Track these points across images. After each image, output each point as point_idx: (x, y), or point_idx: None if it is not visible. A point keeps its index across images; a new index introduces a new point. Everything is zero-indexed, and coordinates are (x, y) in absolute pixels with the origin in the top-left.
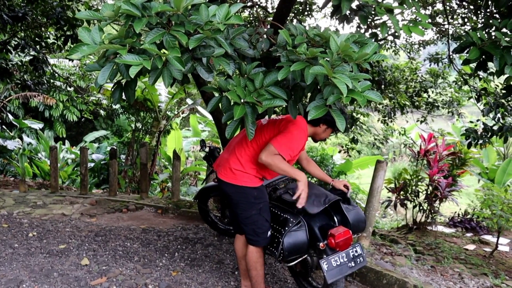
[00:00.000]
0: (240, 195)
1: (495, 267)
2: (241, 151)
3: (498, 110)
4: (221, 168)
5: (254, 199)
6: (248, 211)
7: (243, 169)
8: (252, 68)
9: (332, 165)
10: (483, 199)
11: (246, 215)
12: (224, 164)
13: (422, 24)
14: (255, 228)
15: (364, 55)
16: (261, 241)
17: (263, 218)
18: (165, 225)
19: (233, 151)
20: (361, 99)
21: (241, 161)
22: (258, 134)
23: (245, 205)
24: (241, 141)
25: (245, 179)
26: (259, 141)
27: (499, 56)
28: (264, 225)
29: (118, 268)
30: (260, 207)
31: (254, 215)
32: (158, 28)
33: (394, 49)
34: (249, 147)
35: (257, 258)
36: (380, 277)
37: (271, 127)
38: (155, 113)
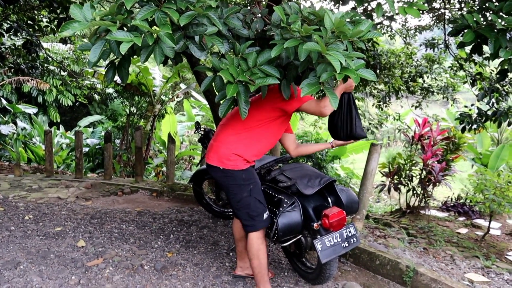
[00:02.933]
0: (227, 179)
1: (486, 250)
2: (231, 134)
3: (492, 95)
4: (209, 153)
5: (242, 181)
6: (239, 194)
7: (231, 151)
8: (245, 47)
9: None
10: (476, 184)
11: (237, 199)
12: (212, 148)
13: (417, 5)
14: (249, 211)
15: (359, 32)
16: (258, 224)
17: (256, 200)
18: (160, 207)
19: (220, 134)
20: (355, 76)
21: (230, 143)
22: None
23: (235, 189)
24: (230, 124)
25: (232, 162)
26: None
27: (494, 39)
28: (257, 207)
29: (114, 249)
30: (250, 188)
31: (246, 198)
32: (150, 5)
33: (390, 34)
34: (241, 128)
35: (258, 246)
36: (373, 258)
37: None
38: (150, 97)
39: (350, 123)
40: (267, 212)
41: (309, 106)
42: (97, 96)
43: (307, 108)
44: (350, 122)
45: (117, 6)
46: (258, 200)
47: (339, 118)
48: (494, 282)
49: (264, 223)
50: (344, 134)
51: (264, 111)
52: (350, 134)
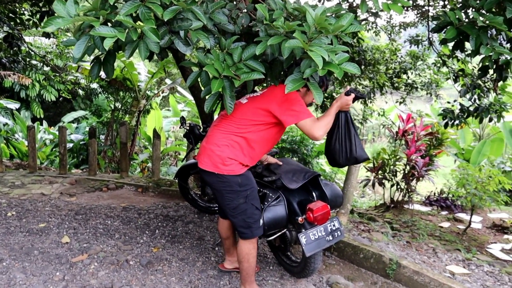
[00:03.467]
0: (222, 184)
1: (467, 243)
2: (224, 136)
3: (474, 91)
4: (201, 156)
5: (239, 187)
6: (235, 201)
7: (225, 154)
8: (231, 42)
9: (312, 145)
10: (458, 178)
11: (233, 205)
12: (204, 151)
13: (401, 1)
14: (245, 218)
15: (340, 26)
16: (254, 232)
17: (253, 206)
18: (145, 203)
19: (213, 136)
20: (338, 71)
21: (224, 146)
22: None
23: (231, 195)
24: (224, 125)
25: (227, 167)
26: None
27: (475, 36)
28: (254, 213)
29: (99, 245)
30: (247, 194)
31: (242, 204)
32: (133, 0)
33: (375, 31)
34: (235, 130)
35: (249, 250)
36: (357, 251)
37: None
38: (135, 92)
39: (350, 144)
40: (263, 218)
41: (304, 125)
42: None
43: (301, 126)
44: (349, 143)
45: (100, 1)
46: (255, 206)
47: (336, 141)
48: (474, 273)
49: (260, 230)
50: (343, 157)
51: (261, 117)
52: (350, 156)
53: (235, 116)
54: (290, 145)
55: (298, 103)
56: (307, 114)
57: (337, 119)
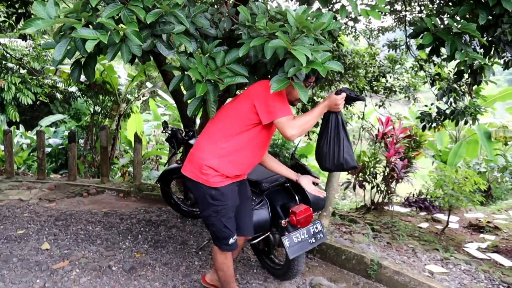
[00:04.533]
0: (197, 191)
1: (445, 242)
2: (208, 142)
3: (450, 94)
4: (185, 161)
5: (211, 200)
6: (206, 211)
7: (204, 162)
8: (213, 46)
9: (294, 148)
10: (436, 180)
11: (204, 215)
12: (188, 156)
13: (379, 8)
14: (214, 230)
15: (321, 24)
16: (223, 247)
17: (221, 223)
18: (127, 208)
19: (198, 141)
20: (321, 69)
21: (207, 153)
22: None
23: (202, 204)
24: (209, 130)
25: (203, 176)
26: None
27: (450, 41)
28: (222, 231)
29: (81, 251)
30: (218, 209)
31: (212, 218)
32: (116, 3)
33: (354, 35)
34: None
35: (222, 260)
36: (339, 253)
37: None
38: (115, 96)
39: (338, 149)
40: (235, 237)
41: (278, 122)
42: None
43: (276, 124)
44: (337, 148)
45: (82, 3)
46: (224, 224)
47: (325, 144)
48: (452, 272)
49: (228, 248)
50: (330, 162)
51: (245, 117)
52: (337, 162)
53: (221, 119)
54: (271, 148)
55: (278, 100)
56: (284, 112)
57: (327, 121)
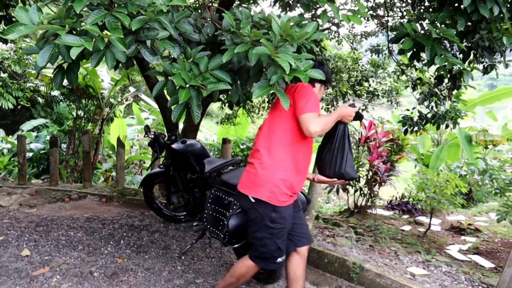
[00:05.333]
0: (254, 213)
1: (427, 245)
2: (264, 151)
3: (431, 99)
4: (246, 180)
5: (270, 222)
6: (259, 233)
7: (267, 173)
8: (197, 52)
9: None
10: (418, 183)
11: (256, 236)
12: (246, 172)
13: (360, 13)
14: (265, 251)
15: (305, 34)
16: (268, 264)
17: (275, 245)
18: (109, 213)
19: (255, 149)
20: (303, 76)
21: (268, 161)
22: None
23: (257, 226)
24: (263, 133)
25: (267, 191)
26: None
27: (430, 46)
28: (274, 251)
29: (62, 257)
30: (275, 232)
31: (266, 240)
32: (100, 9)
33: (337, 39)
34: (277, 137)
35: (247, 272)
36: (322, 256)
37: None
38: (98, 100)
39: (341, 159)
40: (284, 257)
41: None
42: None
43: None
44: (340, 158)
45: (65, 10)
46: (278, 246)
47: (328, 152)
48: (433, 274)
49: (275, 266)
50: (331, 171)
51: (285, 116)
52: (338, 171)
53: (273, 127)
54: None
55: (309, 96)
56: (312, 109)
57: (334, 129)
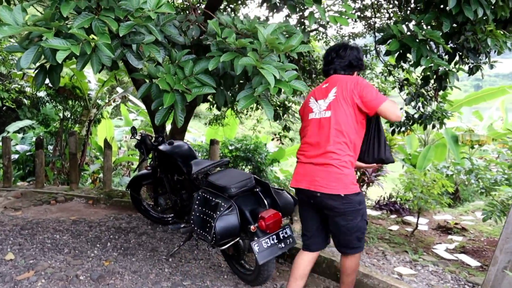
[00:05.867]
0: (347, 205)
1: (415, 244)
2: (340, 145)
3: (418, 99)
4: (317, 179)
5: (359, 205)
6: (355, 220)
7: (348, 169)
8: (182, 55)
9: (266, 153)
10: (405, 183)
11: (353, 224)
12: (319, 172)
13: (347, 14)
14: (359, 234)
15: (290, 46)
16: (363, 244)
17: (365, 222)
18: (96, 215)
19: (326, 151)
20: (288, 89)
21: (344, 157)
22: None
23: (352, 215)
24: (332, 134)
25: (351, 184)
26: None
27: (416, 48)
28: (365, 228)
29: (47, 261)
30: (364, 211)
31: (359, 222)
32: (87, 13)
33: (325, 40)
34: (343, 133)
35: (358, 262)
36: None
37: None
38: (85, 101)
39: (378, 146)
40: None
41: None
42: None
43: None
44: (378, 145)
45: (52, 12)
46: (366, 221)
47: (366, 140)
48: (420, 274)
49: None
50: (370, 157)
51: (352, 112)
52: (377, 157)
53: (340, 126)
54: (244, 153)
55: (371, 86)
56: (383, 97)
57: (369, 121)
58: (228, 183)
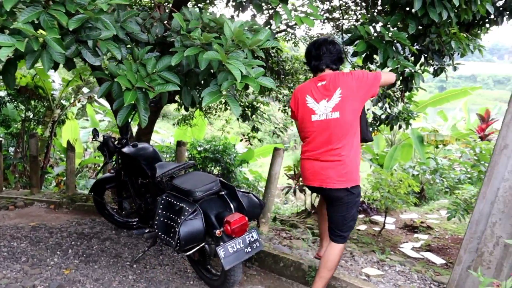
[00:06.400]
0: (350, 197)
1: (382, 244)
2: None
3: (385, 100)
4: (327, 176)
5: (357, 197)
6: (353, 209)
7: (354, 164)
8: (144, 52)
9: (235, 154)
10: (373, 183)
11: (351, 213)
12: (328, 169)
13: (313, 15)
14: (353, 223)
15: (258, 41)
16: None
17: (357, 212)
18: (58, 221)
19: (333, 148)
20: (255, 85)
21: (350, 152)
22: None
23: (354, 206)
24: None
25: (355, 175)
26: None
27: (383, 49)
28: (357, 217)
29: (2, 271)
30: (359, 203)
31: (355, 212)
32: (35, 6)
33: (294, 41)
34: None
35: (339, 258)
36: (277, 260)
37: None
38: (48, 101)
39: (366, 128)
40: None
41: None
42: None
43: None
44: (365, 127)
45: None
46: (358, 212)
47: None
48: (387, 274)
49: None
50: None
51: (359, 106)
52: (363, 138)
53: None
54: (213, 154)
55: (363, 71)
56: (376, 72)
57: None
58: (193, 187)
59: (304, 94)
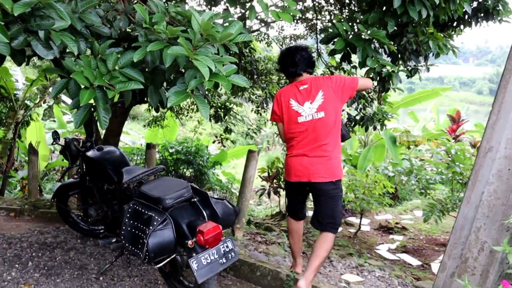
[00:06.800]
0: (336, 190)
1: (359, 246)
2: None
3: (360, 101)
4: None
5: (341, 191)
6: (339, 202)
7: (338, 158)
8: (105, 47)
9: (208, 155)
10: (347, 184)
11: (338, 206)
12: (316, 164)
13: (290, 10)
14: (340, 215)
15: (229, 35)
16: None
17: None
18: (18, 229)
19: (321, 145)
20: (226, 83)
21: (335, 149)
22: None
23: (338, 198)
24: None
25: (339, 170)
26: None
27: (362, 47)
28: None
29: None
30: (342, 195)
31: (340, 206)
32: None
33: (267, 41)
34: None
35: (331, 246)
36: (253, 269)
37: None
38: (11, 102)
39: (343, 126)
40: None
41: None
42: None
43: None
44: (343, 125)
45: None
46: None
47: None
48: (367, 280)
49: None
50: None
51: (340, 107)
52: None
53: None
54: (185, 156)
55: (339, 75)
56: (353, 77)
57: None
58: (163, 194)
59: (288, 98)
